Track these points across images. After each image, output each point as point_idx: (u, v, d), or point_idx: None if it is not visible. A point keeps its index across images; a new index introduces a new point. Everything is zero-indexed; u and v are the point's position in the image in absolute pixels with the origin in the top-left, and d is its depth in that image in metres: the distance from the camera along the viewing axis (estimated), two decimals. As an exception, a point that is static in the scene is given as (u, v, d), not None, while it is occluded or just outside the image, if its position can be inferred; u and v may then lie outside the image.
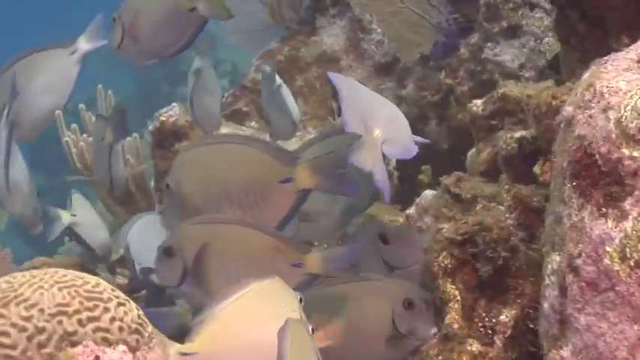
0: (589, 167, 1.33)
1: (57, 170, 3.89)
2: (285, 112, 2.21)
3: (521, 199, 1.68)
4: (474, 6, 2.65)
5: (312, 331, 1.27)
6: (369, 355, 1.64)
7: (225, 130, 2.35)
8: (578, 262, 1.31)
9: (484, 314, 1.63)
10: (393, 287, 1.64)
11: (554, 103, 1.76)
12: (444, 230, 1.64)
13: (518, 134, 1.94)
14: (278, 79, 2.28)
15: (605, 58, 1.41)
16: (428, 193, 2.21)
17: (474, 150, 2.25)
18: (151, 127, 2.43)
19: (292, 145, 2.35)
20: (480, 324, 1.62)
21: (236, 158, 1.62)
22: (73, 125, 2.41)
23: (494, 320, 1.62)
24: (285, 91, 2.23)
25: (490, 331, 1.62)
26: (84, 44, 2.09)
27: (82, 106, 2.53)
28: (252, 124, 2.71)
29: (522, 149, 1.92)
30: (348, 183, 1.60)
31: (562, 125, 1.44)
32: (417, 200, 2.23)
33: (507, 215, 1.64)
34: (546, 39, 2.56)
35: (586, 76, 1.43)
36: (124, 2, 1.90)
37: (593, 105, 1.37)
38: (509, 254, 1.60)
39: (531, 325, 1.61)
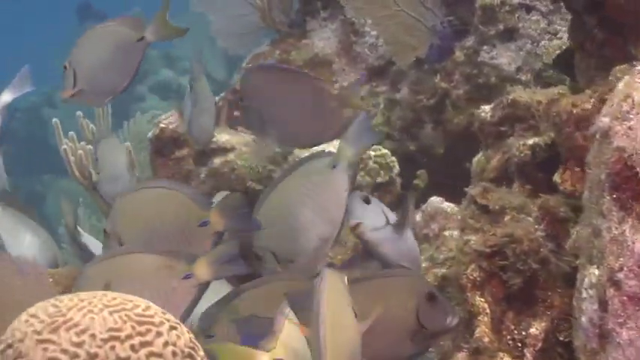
0: (629, 180, 1.33)
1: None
2: None
3: (548, 209, 1.66)
4: (469, 8, 2.64)
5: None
6: (394, 349, 1.62)
7: (226, 136, 2.30)
8: (620, 276, 1.30)
9: (513, 327, 1.61)
10: (414, 281, 1.63)
11: (575, 112, 1.74)
12: (472, 242, 1.63)
13: (531, 141, 1.92)
14: None
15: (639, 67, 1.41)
16: (434, 200, 2.20)
17: (480, 156, 2.22)
18: (150, 135, 2.38)
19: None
20: (510, 337, 1.61)
21: (163, 203, 1.74)
22: (71, 133, 2.34)
23: (523, 333, 1.60)
24: None
25: (520, 344, 1.61)
26: (6, 96, 2.09)
27: (79, 113, 2.47)
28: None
29: (536, 156, 1.91)
30: (250, 221, 1.74)
31: (597, 136, 1.43)
32: (423, 207, 2.21)
33: (536, 226, 1.62)
34: (543, 42, 2.56)
35: (621, 86, 1.42)
36: (72, 49, 1.90)
37: (631, 116, 1.36)
38: (539, 266, 1.59)
39: (561, 338, 1.60)
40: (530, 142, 1.92)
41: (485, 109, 2.15)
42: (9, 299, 1.43)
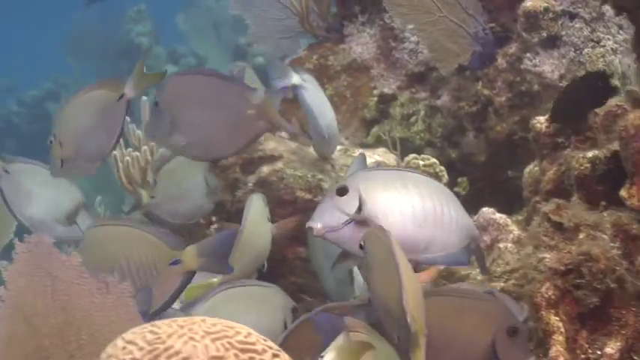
0: None
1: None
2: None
3: (621, 226, 1.64)
4: (511, 15, 2.61)
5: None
6: None
7: (272, 144, 2.27)
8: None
9: (587, 346, 1.59)
10: (500, 311, 1.59)
11: (644, 126, 1.72)
12: (547, 260, 1.60)
13: (590, 154, 1.90)
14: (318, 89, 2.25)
15: None
16: (485, 211, 2.18)
17: (533, 167, 2.21)
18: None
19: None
20: (584, 356, 1.59)
21: (132, 241, 1.78)
22: (117, 140, 2.29)
23: (598, 352, 1.58)
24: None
25: (595, 364, 1.58)
26: None
27: (127, 118, 2.42)
28: (283, 134, 2.64)
29: (596, 169, 1.88)
30: (226, 263, 1.80)
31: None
32: (475, 217, 2.18)
33: (612, 244, 1.60)
34: (586, 49, 2.53)
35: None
36: (56, 121, 1.96)
37: None
38: (616, 285, 1.56)
39: (636, 358, 1.58)
40: (590, 154, 1.89)
41: (541, 120, 2.13)
42: (87, 320, 1.40)
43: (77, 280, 1.42)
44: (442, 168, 2.33)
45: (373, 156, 2.34)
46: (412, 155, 2.33)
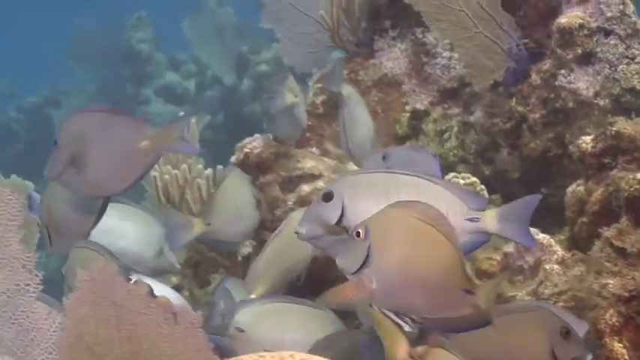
0: None
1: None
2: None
3: (683, 251, 1.62)
4: (544, 31, 2.59)
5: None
6: None
7: (311, 162, 2.25)
8: None
9: (650, 374, 1.57)
10: (548, 316, 1.60)
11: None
12: (610, 286, 1.58)
13: (640, 175, 1.88)
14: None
15: None
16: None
17: (576, 187, 2.19)
18: (233, 159, 2.31)
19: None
20: (648, 384, 1.57)
21: None
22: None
23: (663, 380, 1.56)
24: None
25: (659, 392, 1.57)
26: None
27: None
28: (313, 149, 2.62)
29: (646, 191, 1.86)
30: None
31: None
32: (518, 238, 2.15)
33: (676, 270, 1.58)
34: (621, 66, 2.52)
35: None
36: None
37: None
38: (682, 312, 1.55)
39: (700, 385, 1.56)
40: (640, 176, 1.87)
41: (586, 140, 2.11)
42: (154, 350, 1.37)
43: (144, 309, 1.38)
44: (482, 187, 2.31)
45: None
46: (452, 174, 2.31)
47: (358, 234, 1.41)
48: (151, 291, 1.46)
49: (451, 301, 1.41)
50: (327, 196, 1.63)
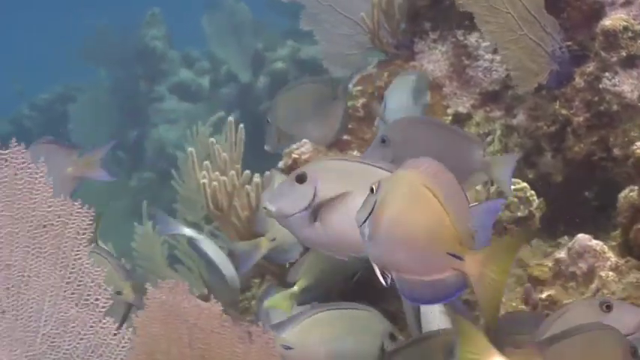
0: None
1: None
2: None
3: None
4: (587, 33, 2.57)
5: None
6: None
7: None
8: None
9: None
10: (618, 336, 1.57)
11: None
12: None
13: (703, 182, 1.86)
14: None
15: None
16: (582, 237, 2.14)
17: (628, 192, 2.17)
18: (281, 164, 2.29)
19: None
20: None
21: None
22: (206, 163, 2.23)
23: None
24: None
25: None
26: None
27: (212, 140, 2.36)
28: (355, 153, 2.59)
29: None
30: None
31: None
32: (570, 244, 2.14)
33: None
34: (666, 69, 2.49)
35: None
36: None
37: None
38: None
39: None
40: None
41: (640, 145, 2.09)
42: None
43: (218, 328, 1.37)
44: (533, 192, 2.30)
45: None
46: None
47: (372, 189, 1.48)
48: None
49: (433, 263, 1.44)
50: (301, 178, 1.66)
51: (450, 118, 2.70)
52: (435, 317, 1.94)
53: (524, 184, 2.30)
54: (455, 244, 1.43)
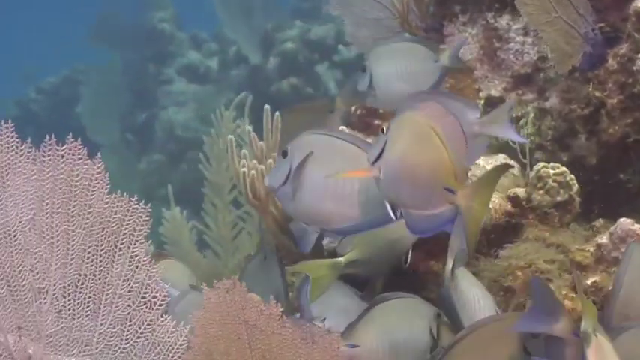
0: None
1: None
2: None
3: None
4: (619, 15, 2.54)
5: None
6: None
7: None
8: None
9: None
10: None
11: None
12: None
13: None
14: None
15: None
16: (624, 222, 2.12)
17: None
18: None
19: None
20: None
21: None
22: (244, 151, 2.21)
23: None
24: None
25: None
26: None
27: (248, 128, 2.34)
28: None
29: None
30: None
31: None
32: (612, 229, 2.13)
33: None
34: (699, 50, 2.46)
35: None
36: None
37: None
38: None
39: None
40: None
41: (671, 131, 2.07)
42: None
43: (278, 330, 1.36)
44: (572, 177, 2.28)
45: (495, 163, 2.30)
46: (542, 164, 2.28)
47: (383, 130, 1.62)
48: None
49: (433, 198, 1.57)
50: (284, 153, 1.75)
51: (482, 101, 2.67)
52: (479, 306, 1.94)
53: (564, 169, 2.28)
54: (451, 179, 1.57)
